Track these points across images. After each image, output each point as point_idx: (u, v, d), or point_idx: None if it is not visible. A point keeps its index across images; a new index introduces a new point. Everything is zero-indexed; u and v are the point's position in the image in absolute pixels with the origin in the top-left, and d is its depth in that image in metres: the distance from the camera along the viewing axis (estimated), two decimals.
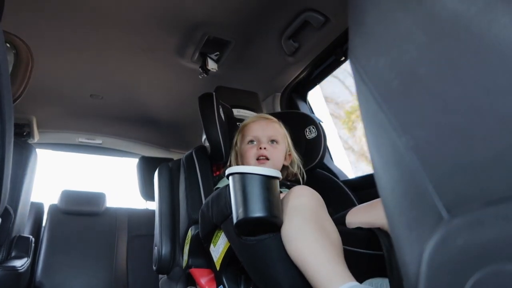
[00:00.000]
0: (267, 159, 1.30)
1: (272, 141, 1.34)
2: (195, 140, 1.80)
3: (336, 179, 1.52)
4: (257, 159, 1.31)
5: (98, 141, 2.83)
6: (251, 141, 1.34)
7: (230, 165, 1.43)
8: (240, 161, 1.38)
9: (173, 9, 1.51)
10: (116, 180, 3.54)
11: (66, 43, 1.74)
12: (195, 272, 1.25)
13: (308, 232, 0.83)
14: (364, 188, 1.42)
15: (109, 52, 1.83)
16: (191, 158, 1.46)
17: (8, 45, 1.01)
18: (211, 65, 1.81)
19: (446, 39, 0.33)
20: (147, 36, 1.69)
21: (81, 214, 2.65)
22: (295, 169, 1.40)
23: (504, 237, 0.27)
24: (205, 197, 1.31)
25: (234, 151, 1.43)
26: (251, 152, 1.31)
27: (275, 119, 1.42)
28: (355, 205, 1.24)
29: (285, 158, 1.39)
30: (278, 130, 1.38)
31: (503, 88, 0.29)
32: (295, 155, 1.42)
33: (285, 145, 1.38)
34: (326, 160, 1.64)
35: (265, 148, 1.30)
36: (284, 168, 1.40)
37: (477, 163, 0.30)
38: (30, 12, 1.52)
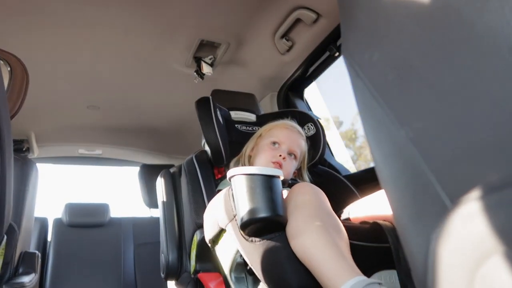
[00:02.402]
0: (281, 167, 1.30)
1: (291, 154, 1.34)
2: (195, 145, 1.80)
3: (337, 174, 1.52)
4: (272, 161, 1.31)
5: (98, 151, 2.83)
6: (275, 143, 1.34)
7: (244, 152, 1.43)
8: (255, 153, 1.38)
9: (164, 15, 1.51)
10: (119, 190, 3.55)
11: (59, 55, 1.74)
12: (203, 276, 1.25)
13: (312, 228, 0.83)
14: (366, 182, 1.42)
15: (103, 62, 1.83)
16: (191, 163, 1.45)
17: (2, 62, 1.01)
18: (206, 69, 1.81)
19: (438, 28, 0.33)
20: (140, 43, 1.69)
21: (85, 226, 2.64)
22: None
23: (510, 222, 0.27)
24: (208, 201, 1.31)
25: (254, 140, 1.43)
26: (270, 153, 1.32)
27: (304, 136, 1.43)
28: (358, 199, 1.24)
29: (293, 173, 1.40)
30: (302, 148, 1.39)
31: (498, 74, 0.29)
32: (305, 176, 1.43)
33: (299, 163, 1.40)
34: (327, 156, 1.64)
35: (284, 158, 1.30)
36: None
37: (478, 150, 0.30)
38: (22, 27, 1.52)
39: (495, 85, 0.29)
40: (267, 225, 0.89)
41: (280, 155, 1.30)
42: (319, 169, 1.52)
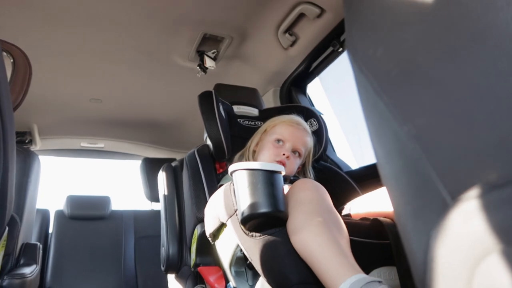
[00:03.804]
0: (284, 166, 1.29)
1: (295, 151, 1.33)
2: (197, 139, 1.80)
3: (339, 170, 1.52)
4: (276, 160, 1.30)
5: (100, 144, 2.84)
6: (279, 141, 1.33)
7: (249, 147, 1.42)
8: (259, 148, 1.37)
9: (167, 9, 1.50)
10: (121, 183, 3.56)
11: (62, 48, 1.74)
12: (203, 270, 1.25)
13: (313, 225, 0.83)
14: (368, 178, 1.42)
15: (106, 56, 1.83)
16: (193, 157, 1.46)
17: (5, 53, 1.01)
18: (209, 63, 1.80)
19: (442, 25, 0.33)
20: (143, 37, 1.69)
21: (87, 219, 2.66)
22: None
23: (510, 220, 0.27)
24: (210, 195, 1.31)
25: (258, 135, 1.41)
26: (274, 151, 1.30)
27: (310, 132, 1.41)
28: (359, 196, 1.24)
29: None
30: (307, 146, 1.37)
31: (502, 71, 0.29)
32: (309, 172, 1.42)
33: (303, 159, 1.38)
34: (328, 152, 1.64)
35: (287, 157, 1.29)
36: None
37: (480, 148, 0.30)
38: (26, 20, 1.51)
39: (499, 83, 0.29)
40: (267, 220, 0.89)
41: (284, 154, 1.29)
42: (321, 165, 1.52)
